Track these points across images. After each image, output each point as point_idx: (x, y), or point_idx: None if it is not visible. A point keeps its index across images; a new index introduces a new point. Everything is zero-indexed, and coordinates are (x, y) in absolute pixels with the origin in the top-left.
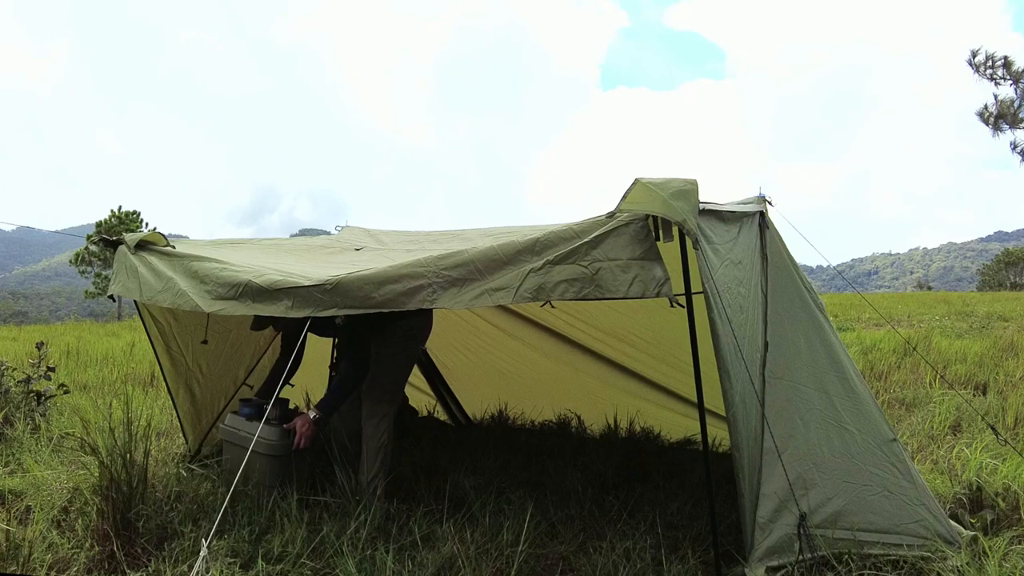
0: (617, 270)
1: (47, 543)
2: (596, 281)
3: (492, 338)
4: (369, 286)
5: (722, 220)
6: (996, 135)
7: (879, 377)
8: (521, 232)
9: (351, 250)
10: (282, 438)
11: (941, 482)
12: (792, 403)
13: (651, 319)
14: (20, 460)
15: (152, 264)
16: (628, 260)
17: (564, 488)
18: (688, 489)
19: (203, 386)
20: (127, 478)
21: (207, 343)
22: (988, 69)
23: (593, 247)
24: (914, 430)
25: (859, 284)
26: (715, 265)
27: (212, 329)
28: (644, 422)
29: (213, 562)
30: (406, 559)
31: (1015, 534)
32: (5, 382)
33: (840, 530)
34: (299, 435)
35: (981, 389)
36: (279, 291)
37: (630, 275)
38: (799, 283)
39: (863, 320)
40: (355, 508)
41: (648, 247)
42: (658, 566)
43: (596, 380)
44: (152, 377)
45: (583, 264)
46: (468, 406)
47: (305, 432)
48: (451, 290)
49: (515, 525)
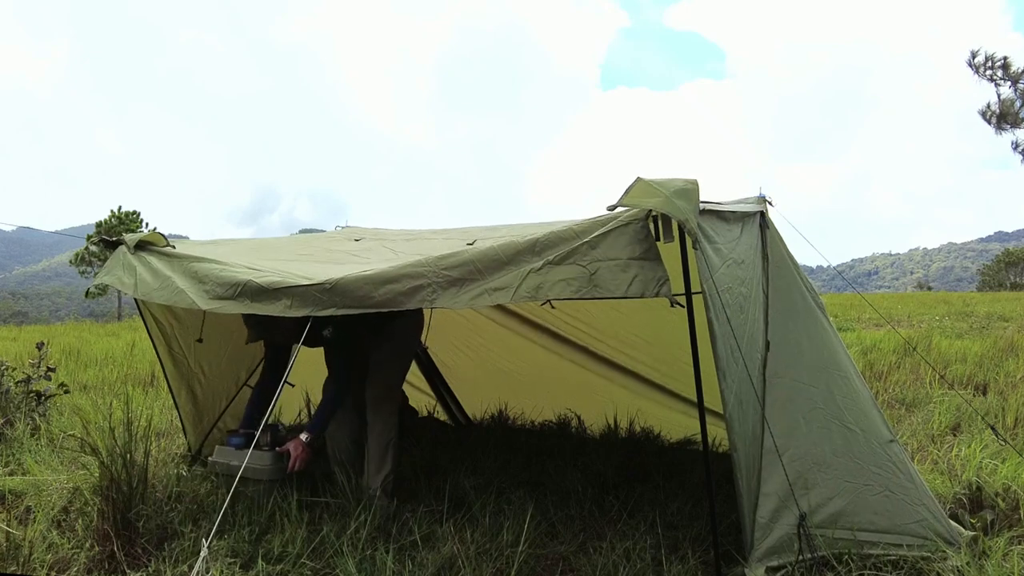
0: (616, 270)
1: (47, 543)
2: (595, 281)
3: (493, 335)
4: (369, 286)
5: (724, 220)
6: (999, 134)
7: (879, 377)
8: (521, 232)
9: (350, 240)
10: (275, 462)
11: (941, 482)
12: (794, 402)
13: (651, 320)
14: (20, 460)
15: (151, 264)
16: (628, 260)
17: (564, 488)
18: (688, 489)
19: (205, 387)
20: (127, 478)
21: (202, 342)
22: (987, 70)
23: (593, 247)
24: (914, 430)
25: (859, 284)
26: (716, 265)
27: (215, 330)
28: (644, 422)
29: (213, 562)
30: (406, 559)
31: (1015, 534)
32: (5, 382)
33: (840, 530)
34: (293, 458)
35: (981, 389)
36: (278, 290)
37: (629, 274)
38: (800, 283)
39: (863, 320)
40: (355, 508)
41: (648, 247)
42: (658, 566)
43: (597, 377)
44: (152, 377)
45: (582, 264)
46: (468, 406)
47: (300, 455)
48: (451, 290)
49: (515, 525)
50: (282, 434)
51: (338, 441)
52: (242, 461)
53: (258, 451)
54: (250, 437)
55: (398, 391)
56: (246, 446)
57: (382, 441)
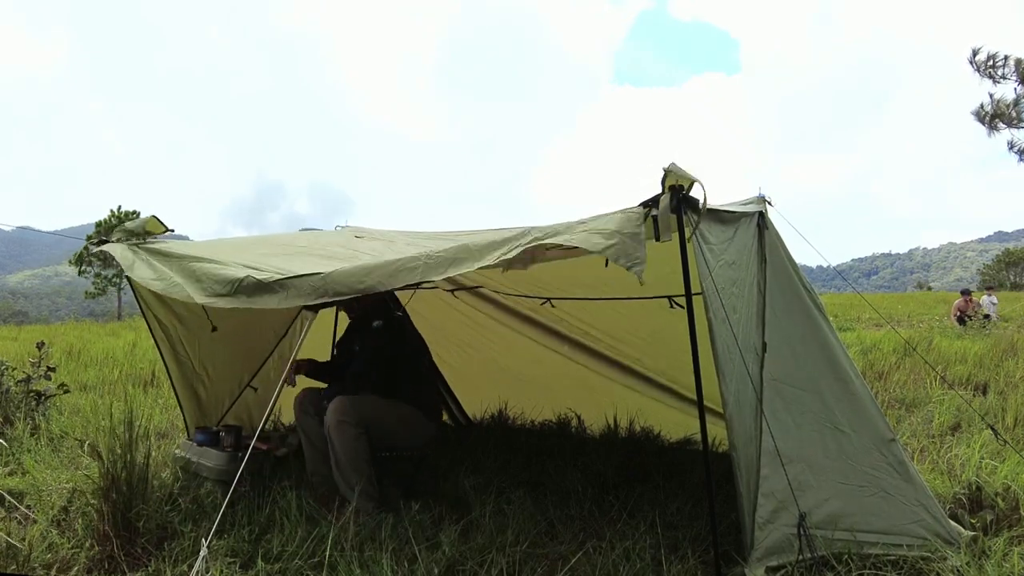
0: (600, 237)
1: (47, 543)
2: (575, 241)
3: (493, 334)
4: (360, 272)
5: (719, 221)
6: (992, 134)
7: (879, 377)
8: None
9: (352, 237)
10: (229, 463)
11: (941, 482)
12: (787, 405)
13: (651, 319)
14: (20, 460)
15: (151, 262)
16: (615, 231)
17: (564, 488)
18: (688, 489)
19: (208, 388)
20: (127, 478)
21: (216, 330)
22: (989, 68)
23: (583, 223)
24: (914, 430)
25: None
26: (712, 266)
27: (220, 331)
28: (644, 421)
29: (213, 562)
30: (404, 560)
31: (1015, 534)
32: (5, 382)
33: (839, 531)
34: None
35: (981, 389)
36: (274, 282)
37: (612, 241)
38: (798, 284)
39: (863, 320)
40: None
41: (637, 232)
42: (658, 566)
43: (597, 376)
44: (153, 377)
45: (569, 234)
46: (468, 406)
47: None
48: (440, 267)
49: (515, 525)
50: (245, 436)
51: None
52: (199, 458)
53: (216, 451)
54: (215, 436)
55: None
56: (209, 444)
57: (345, 460)
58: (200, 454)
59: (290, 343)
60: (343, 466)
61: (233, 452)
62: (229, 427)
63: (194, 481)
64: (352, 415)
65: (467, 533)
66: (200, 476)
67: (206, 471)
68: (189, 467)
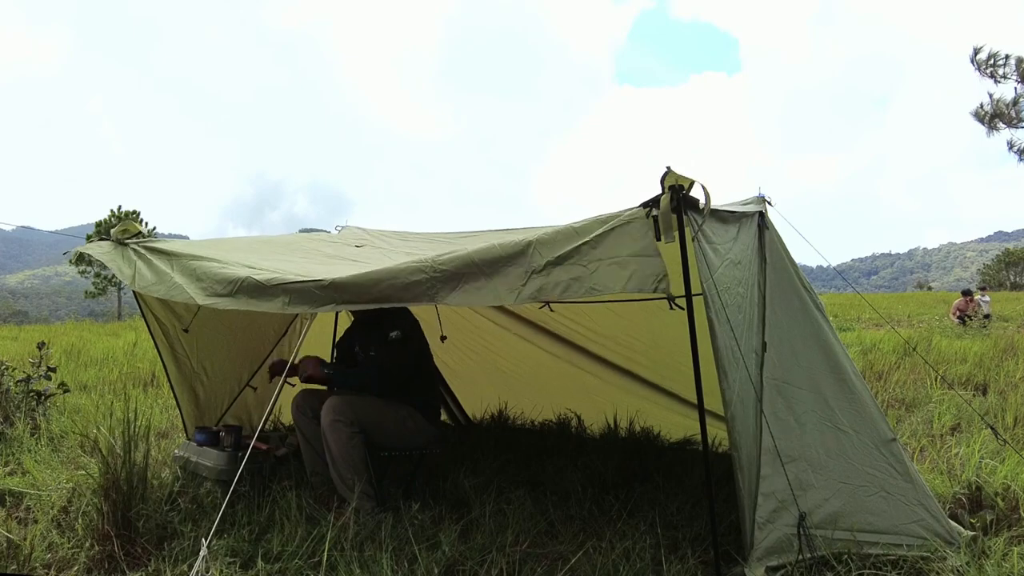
0: (615, 267)
1: (47, 543)
2: (593, 280)
3: (493, 336)
4: (368, 282)
5: (722, 220)
6: (991, 134)
7: (879, 377)
8: (521, 232)
9: (351, 246)
10: (229, 463)
11: (941, 482)
12: (788, 404)
13: (650, 322)
14: (20, 460)
15: (151, 261)
16: (627, 257)
17: (564, 488)
18: (688, 489)
19: (207, 387)
20: (127, 478)
21: (188, 332)
22: (990, 67)
23: (594, 247)
24: (914, 430)
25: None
26: (715, 265)
27: (218, 331)
28: (644, 422)
29: (213, 562)
30: (403, 560)
31: (1015, 534)
32: (5, 382)
33: (839, 530)
34: (302, 369)
35: (981, 389)
36: (276, 286)
37: (627, 271)
38: (798, 284)
39: (863, 320)
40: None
41: (647, 243)
42: (658, 566)
43: (596, 378)
44: (152, 377)
45: (583, 264)
46: (468, 406)
47: (307, 371)
48: (450, 284)
49: (515, 525)
50: (245, 436)
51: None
52: (199, 457)
53: (216, 451)
54: (215, 435)
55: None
56: (209, 444)
57: (340, 460)
58: (200, 454)
59: (290, 343)
60: (339, 466)
61: (233, 452)
62: (229, 427)
63: (194, 481)
64: (347, 415)
65: (467, 533)
66: (200, 476)
67: (206, 471)
68: (188, 467)
